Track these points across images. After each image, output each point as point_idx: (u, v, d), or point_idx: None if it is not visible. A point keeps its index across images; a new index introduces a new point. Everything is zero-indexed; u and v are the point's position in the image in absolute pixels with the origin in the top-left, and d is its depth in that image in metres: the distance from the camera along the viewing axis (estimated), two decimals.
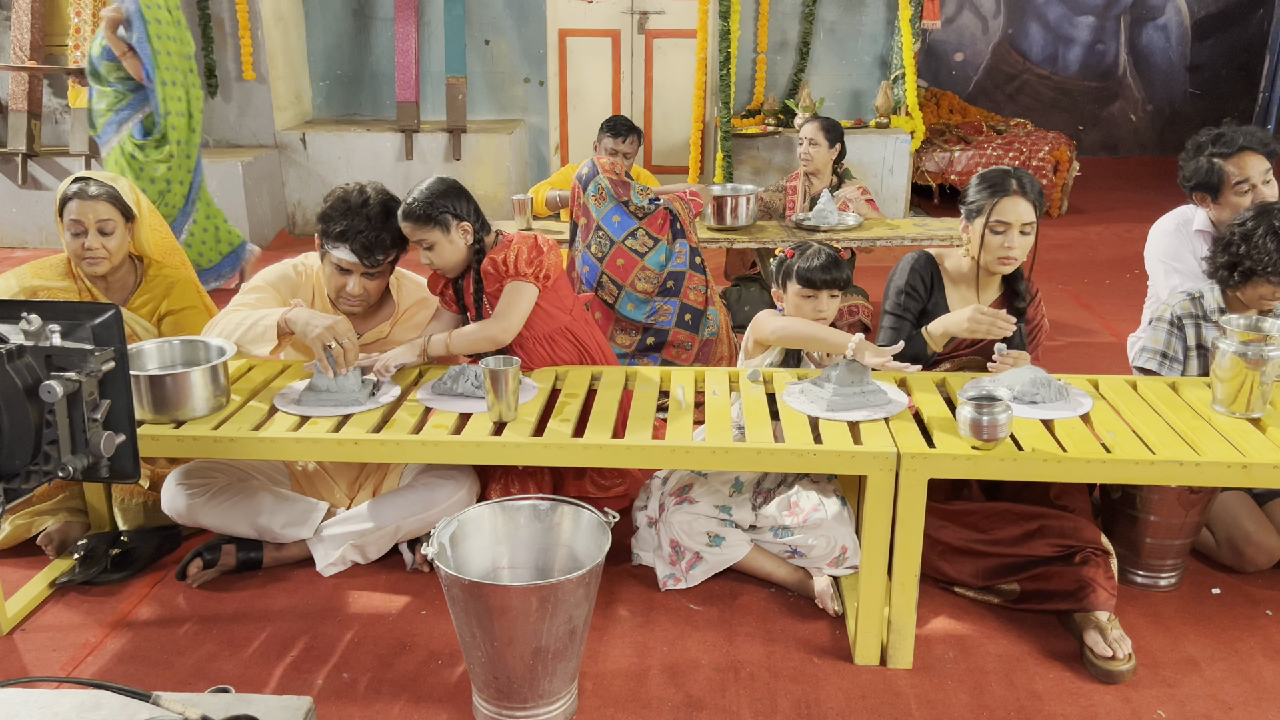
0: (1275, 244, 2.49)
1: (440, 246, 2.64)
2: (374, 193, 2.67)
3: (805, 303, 2.64)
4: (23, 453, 1.48)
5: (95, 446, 1.54)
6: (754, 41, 6.92)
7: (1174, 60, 9.38)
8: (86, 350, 1.49)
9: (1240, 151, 2.89)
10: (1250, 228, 2.54)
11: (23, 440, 1.47)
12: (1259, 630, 2.39)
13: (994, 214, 2.55)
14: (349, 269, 2.66)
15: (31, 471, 1.53)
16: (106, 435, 1.55)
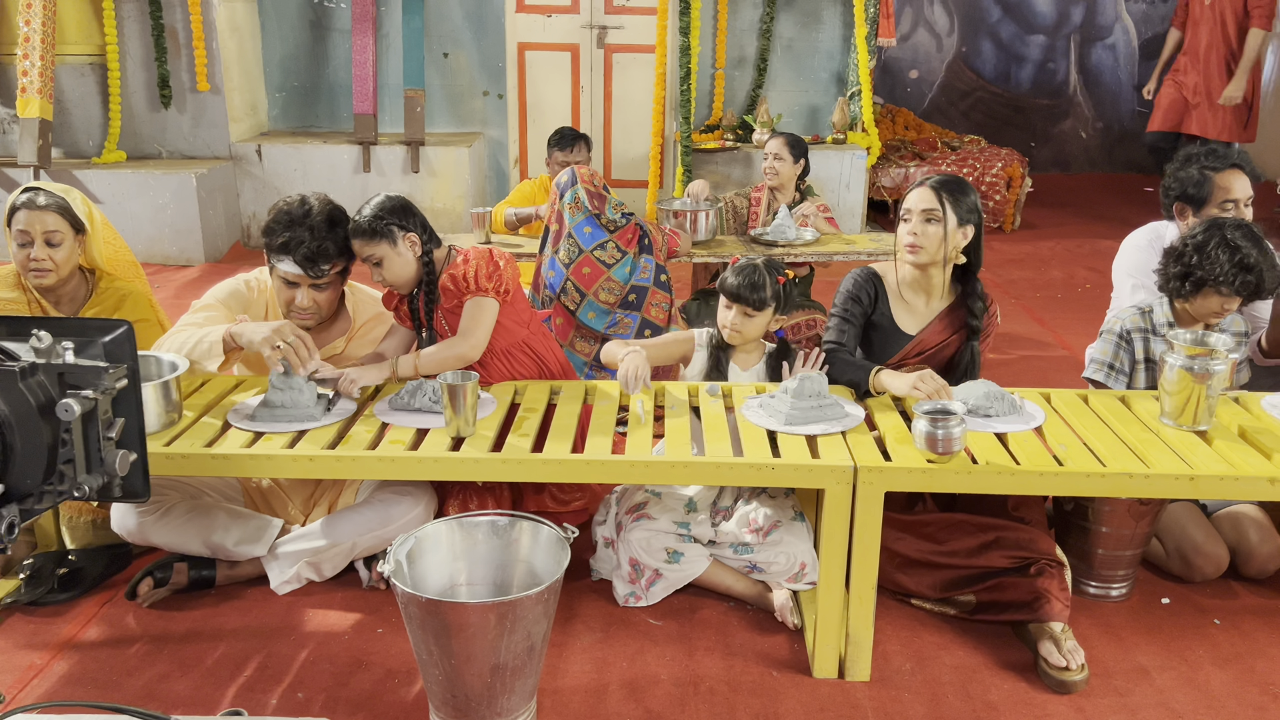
0: (1227, 255, 2.54)
1: (389, 261, 2.62)
2: (317, 203, 2.64)
3: (725, 312, 2.70)
4: (35, 472, 1.44)
5: (110, 465, 1.51)
6: (712, 57, 6.97)
7: (1122, 79, 9.58)
8: (101, 368, 1.46)
9: (1232, 169, 2.95)
10: (1203, 240, 2.59)
11: (35, 460, 1.43)
12: (1207, 639, 2.44)
13: (902, 205, 2.61)
14: (295, 281, 2.63)
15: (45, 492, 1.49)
16: (121, 454, 1.52)
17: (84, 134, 6.34)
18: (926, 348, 2.75)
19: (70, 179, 5.92)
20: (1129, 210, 7.90)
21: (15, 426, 1.40)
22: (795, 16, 6.98)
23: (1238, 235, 2.55)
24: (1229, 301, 2.59)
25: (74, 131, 6.33)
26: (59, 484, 1.49)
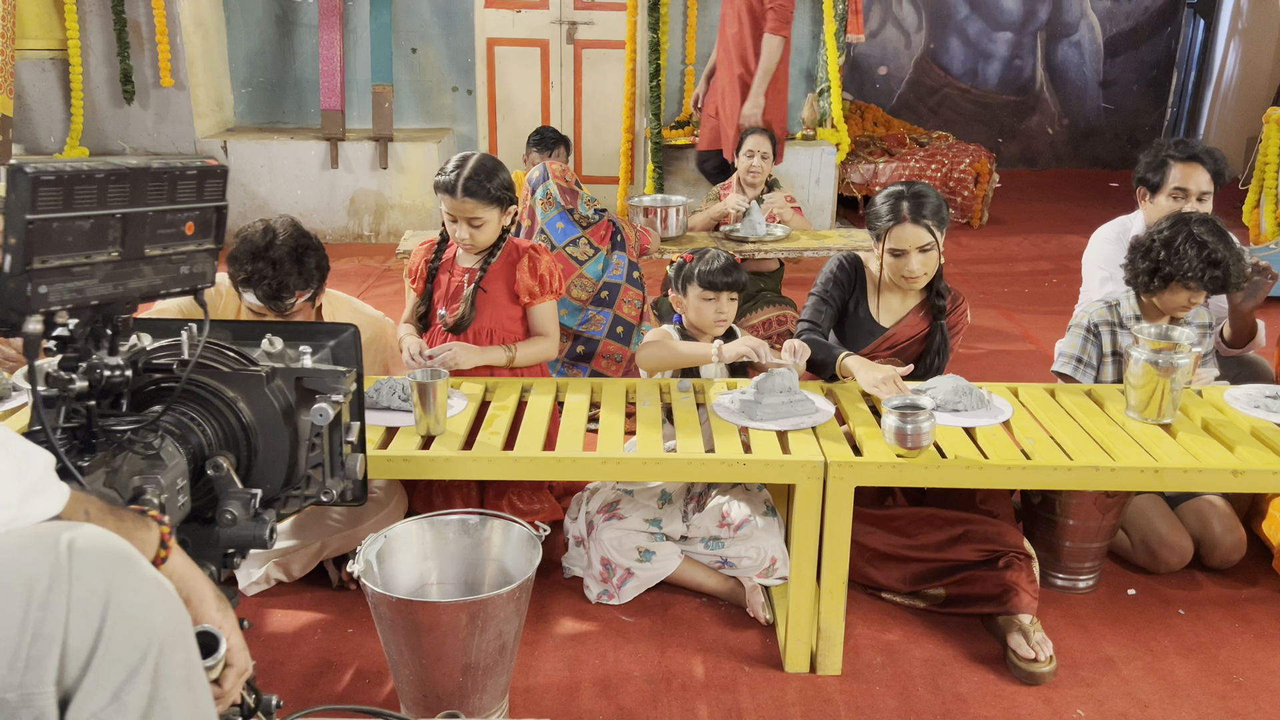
0: (1195, 250, 2.57)
1: (489, 226, 2.72)
2: (282, 231, 2.51)
3: (706, 305, 2.71)
4: (275, 477, 1.42)
5: (351, 469, 1.49)
6: (682, 53, 6.96)
7: (1088, 76, 9.68)
8: (339, 371, 1.45)
9: (1191, 160, 2.98)
10: (1170, 235, 2.62)
11: (277, 464, 1.41)
12: (1172, 629, 2.47)
13: (889, 241, 2.64)
14: (260, 313, 2.57)
15: (291, 496, 1.47)
16: (359, 458, 1.51)
17: (45, 130, 6.25)
18: (898, 341, 2.78)
19: None
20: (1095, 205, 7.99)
21: (259, 431, 1.39)
22: None
23: (1204, 230, 2.58)
24: (1196, 296, 2.62)
25: (35, 127, 6.23)
26: (306, 488, 1.48)
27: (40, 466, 1.05)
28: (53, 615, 0.96)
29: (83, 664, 0.98)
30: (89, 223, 1.16)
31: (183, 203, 1.28)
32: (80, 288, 1.19)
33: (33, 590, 0.96)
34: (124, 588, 1.01)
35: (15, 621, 0.95)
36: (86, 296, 1.20)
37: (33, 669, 0.96)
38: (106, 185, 1.16)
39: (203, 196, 1.30)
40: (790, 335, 4.07)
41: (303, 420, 1.43)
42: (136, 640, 1.01)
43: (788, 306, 4.23)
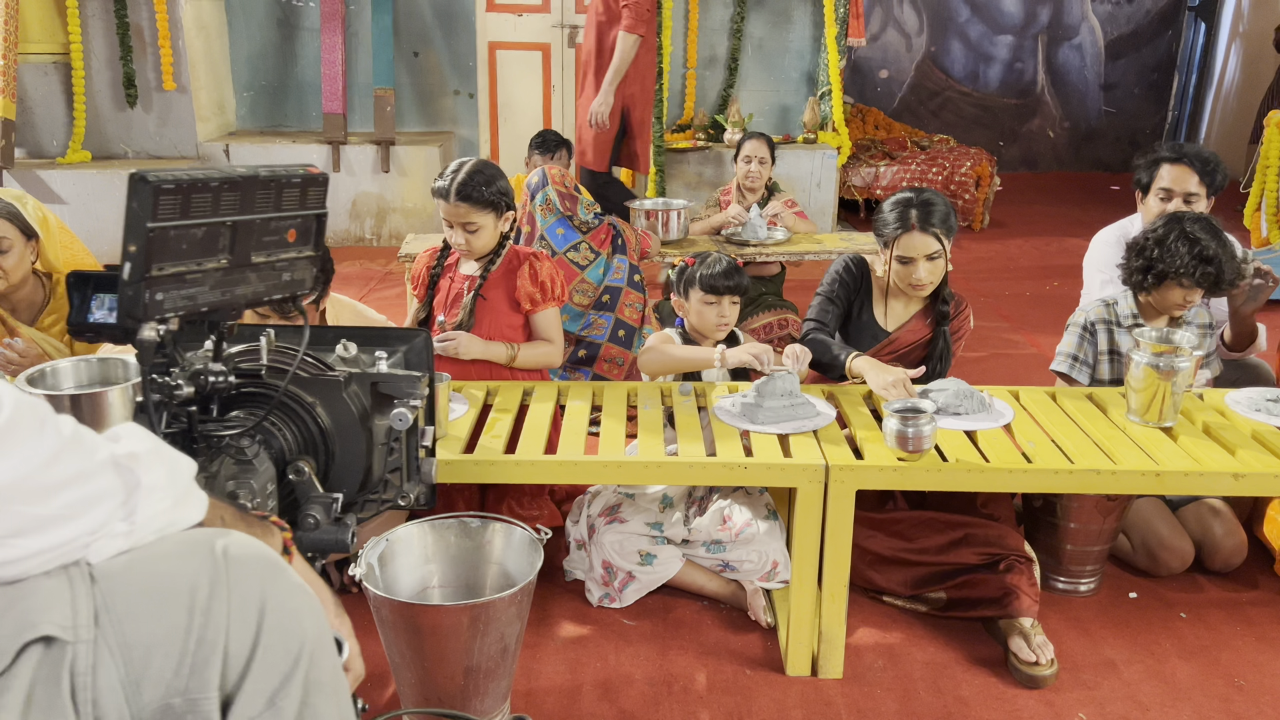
0: (1186, 247, 2.58)
1: (484, 231, 2.71)
2: None
3: (708, 309, 2.72)
4: (352, 481, 1.43)
5: (426, 473, 1.50)
6: (684, 57, 6.98)
7: (1089, 79, 9.69)
8: (414, 376, 1.46)
9: (1179, 161, 2.98)
10: (1163, 233, 2.63)
11: (353, 469, 1.42)
12: (1173, 632, 2.47)
13: (897, 249, 2.64)
14: (264, 315, 2.58)
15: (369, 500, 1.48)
16: (434, 462, 1.51)
17: (48, 134, 6.26)
18: (901, 346, 2.79)
19: (34, 179, 5.84)
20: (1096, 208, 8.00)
21: (336, 436, 1.39)
22: (766, 16, 7.00)
23: (1196, 228, 2.59)
24: (1191, 293, 2.63)
25: (37, 131, 6.24)
26: (384, 492, 1.48)
27: (187, 472, 1.06)
28: (214, 621, 0.97)
29: (241, 670, 0.99)
30: (202, 230, 1.17)
31: (287, 210, 1.30)
32: (192, 295, 1.20)
33: (195, 597, 0.97)
34: (277, 594, 1.02)
35: (180, 628, 0.96)
36: (198, 304, 1.22)
37: (197, 675, 0.96)
38: (220, 194, 1.18)
39: (305, 204, 1.32)
40: (792, 339, 4.09)
41: (377, 425, 1.44)
42: (289, 645, 1.02)
43: (788, 310, 4.23)
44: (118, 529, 0.95)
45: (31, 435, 0.87)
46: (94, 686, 0.91)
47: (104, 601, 0.93)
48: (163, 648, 0.95)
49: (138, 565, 0.97)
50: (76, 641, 0.91)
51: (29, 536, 0.89)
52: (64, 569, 0.93)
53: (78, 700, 0.91)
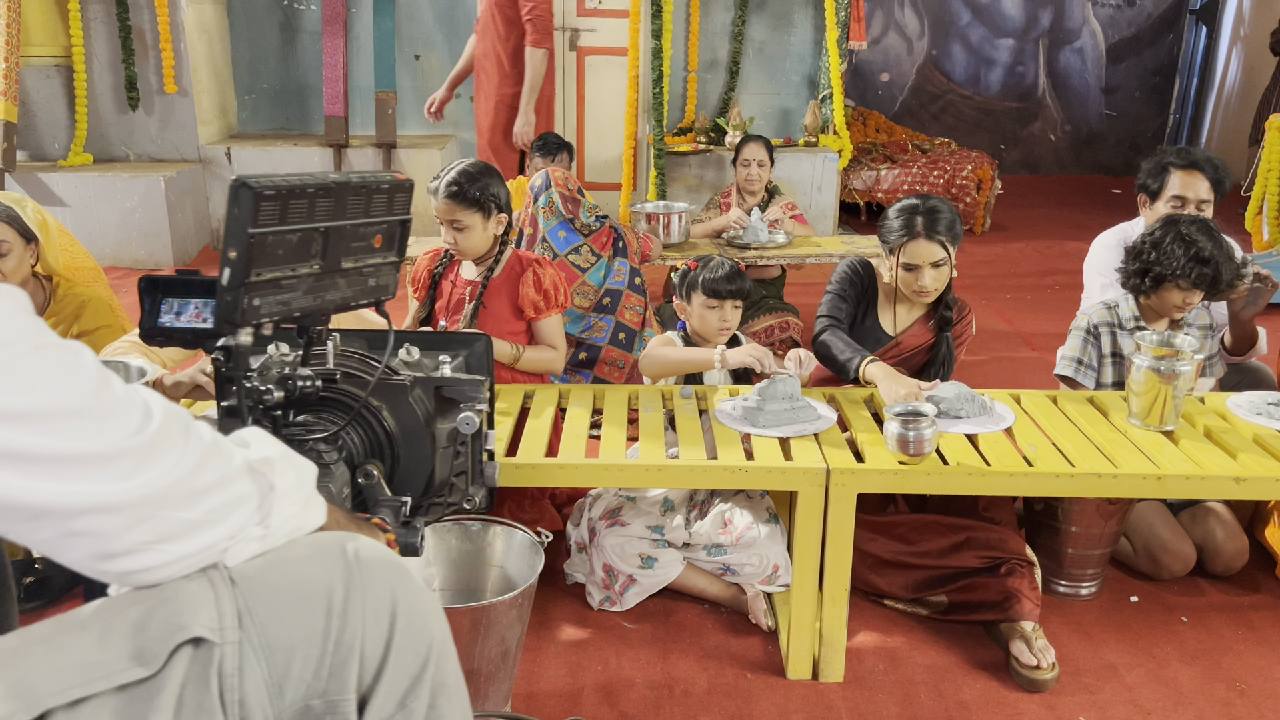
0: (1182, 249, 2.58)
1: (473, 231, 2.71)
2: None
3: (710, 313, 2.72)
4: (416, 485, 1.44)
5: (490, 477, 1.51)
6: (685, 60, 6.98)
7: (1090, 82, 9.69)
8: (478, 381, 1.47)
9: (1190, 168, 2.98)
10: (1159, 236, 2.64)
11: (418, 472, 1.43)
12: (1175, 636, 2.47)
13: (903, 255, 2.65)
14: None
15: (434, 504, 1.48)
16: (496, 466, 1.53)
17: (50, 136, 6.26)
18: (904, 351, 2.79)
19: (36, 182, 5.84)
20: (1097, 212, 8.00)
21: (402, 439, 1.40)
22: (767, 20, 7.01)
23: (1193, 230, 2.60)
24: (1190, 295, 2.63)
25: (39, 134, 6.24)
26: (449, 495, 1.49)
27: (311, 477, 1.07)
28: (351, 624, 0.98)
29: (375, 672, 1.00)
30: (297, 236, 1.19)
31: (375, 216, 1.31)
32: (286, 300, 1.21)
33: (331, 599, 0.98)
34: (406, 596, 1.03)
35: (319, 631, 0.96)
36: (291, 309, 1.23)
37: (335, 677, 0.97)
38: (315, 200, 1.20)
39: (392, 210, 1.33)
40: (793, 341, 4.09)
41: (439, 428, 1.45)
42: (418, 648, 1.03)
43: (789, 313, 4.23)
44: (254, 533, 0.96)
45: (179, 442, 0.88)
46: (241, 688, 0.93)
47: (246, 604, 0.94)
48: (303, 649, 0.96)
49: (274, 568, 0.98)
50: (223, 643, 0.92)
51: (177, 541, 0.90)
52: (203, 572, 0.94)
53: (225, 701, 0.92)
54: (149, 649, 0.90)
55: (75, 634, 0.91)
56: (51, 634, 0.92)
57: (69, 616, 0.94)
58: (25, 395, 0.76)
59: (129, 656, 0.90)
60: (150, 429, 0.85)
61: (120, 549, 0.86)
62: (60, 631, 0.92)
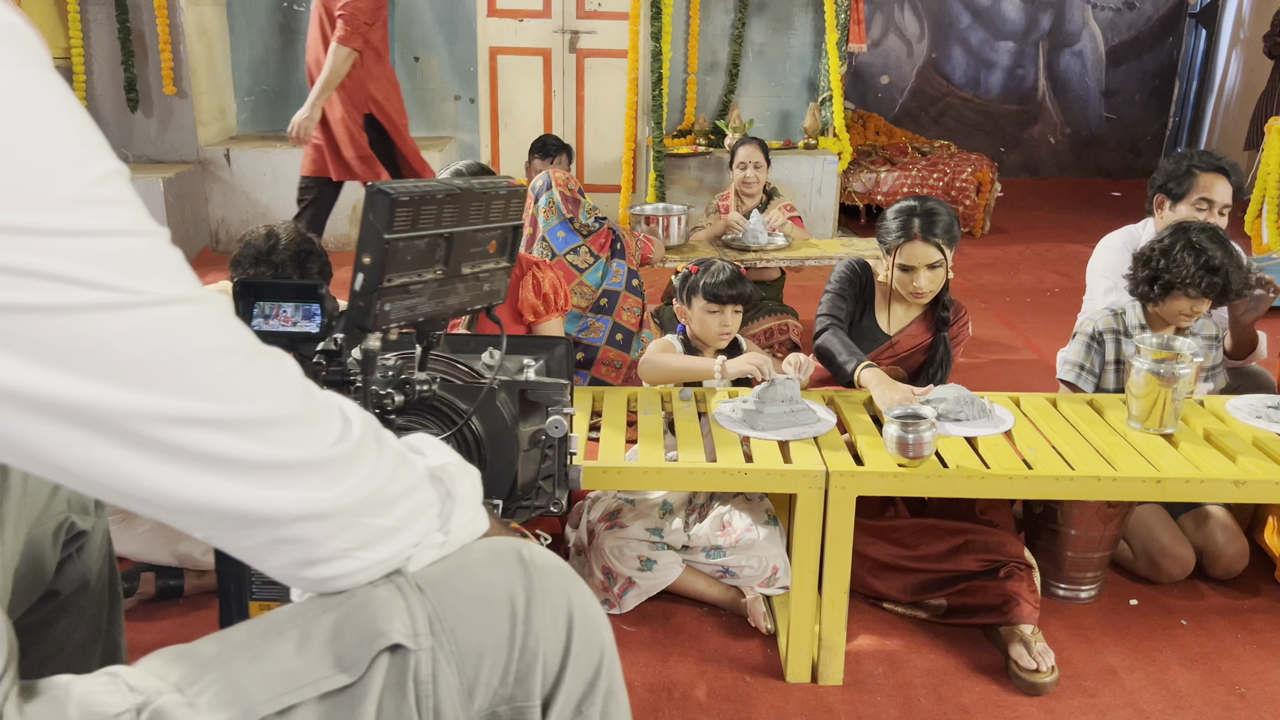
0: (1193, 257, 2.57)
1: None
2: (284, 236, 2.51)
3: (710, 318, 2.72)
4: (502, 488, 1.45)
5: (574, 480, 1.51)
6: (685, 62, 6.99)
7: (1090, 85, 9.70)
8: (561, 384, 1.47)
9: (1216, 171, 2.98)
10: (1169, 243, 2.63)
11: (504, 476, 1.44)
12: (1174, 640, 2.46)
13: (899, 257, 2.65)
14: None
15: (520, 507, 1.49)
16: (581, 469, 1.53)
17: None
18: (901, 351, 2.79)
19: None
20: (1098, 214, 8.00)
21: (489, 443, 1.41)
22: (767, 22, 7.02)
23: (1203, 238, 2.59)
24: (1198, 304, 2.62)
25: None
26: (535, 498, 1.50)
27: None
28: (534, 630, 0.98)
29: (555, 678, 1.00)
30: (424, 242, 1.20)
31: (493, 222, 1.32)
32: (413, 305, 1.23)
33: (514, 605, 0.97)
34: (580, 601, 1.03)
35: (505, 636, 0.96)
36: (416, 314, 1.24)
37: (521, 684, 0.97)
38: (443, 206, 1.21)
39: (507, 216, 1.34)
40: (792, 344, 4.09)
41: (521, 431, 1.45)
42: (592, 654, 1.03)
43: (789, 315, 4.23)
44: (436, 539, 0.96)
45: (374, 448, 0.88)
46: (435, 694, 0.92)
47: (434, 610, 0.94)
48: (490, 656, 0.95)
49: (456, 574, 0.97)
50: (418, 650, 0.92)
51: (372, 548, 0.89)
52: (389, 579, 0.94)
53: (420, 708, 0.92)
54: (349, 656, 0.90)
55: (273, 641, 0.91)
56: (249, 639, 0.92)
57: (260, 622, 0.94)
58: (246, 403, 0.75)
59: (331, 664, 0.90)
60: (353, 435, 0.85)
61: (322, 556, 0.86)
62: (257, 637, 0.92)
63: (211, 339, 0.74)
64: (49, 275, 0.65)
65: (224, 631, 0.95)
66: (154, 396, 0.70)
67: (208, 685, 0.87)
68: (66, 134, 0.68)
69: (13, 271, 0.64)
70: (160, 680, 0.88)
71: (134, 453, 0.71)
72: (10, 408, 0.67)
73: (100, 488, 0.74)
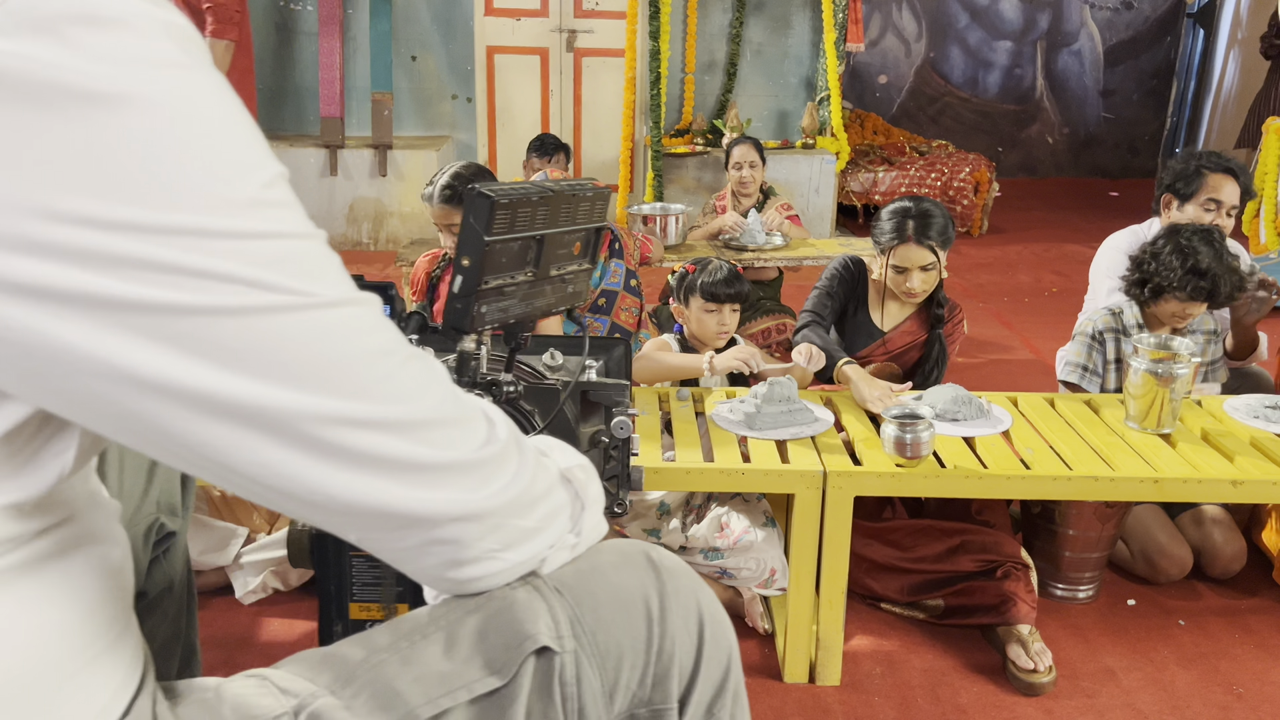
0: (1180, 260, 2.57)
1: None
2: None
3: (708, 316, 2.72)
4: None
5: (636, 480, 1.51)
6: (682, 61, 6.98)
7: (1088, 85, 9.70)
8: (623, 385, 1.47)
9: (1226, 172, 2.98)
10: (1160, 246, 2.63)
11: None
12: (1172, 640, 2.46)
13: (893, 258, 2.65)
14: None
15: None
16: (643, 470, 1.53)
17: None
18: (894, 348, 2.79)
19: None
20: (1095, 214, 8.01)
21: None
22: (765, 21, 7.01)
23: (1195, 240, 2.59)
24: (1190, 307, 2.62)
25: None
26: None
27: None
28: (669, 632, 0.97)
29: (688, 680, 1.00)
30: (518, 244, 1.21)
31: (579, 223, 1.33)
32: (506, 307, 1.24)
33: (650, 607, 0.97)
34: (708, 603, 1.02)
35: (642, 639, 0.96)
36: (508, 316, 1.25)
37: (659, 686, 0.97)
38: (537, 208, 1.22)
39: (592, 218, 1.34)
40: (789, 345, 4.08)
41: (582, 432, 1.45)
42: (720, 656, 1.02)
43: (786, 315, 4.23)
44: (569, 541, 0.95)
45: (516, 451, 0.87)
46: (579, 697, 0.92)
47: (574, 612, 0.93)
48: (630, 658, 0.95)
49: (589, 576, 0.97)
50: (563, 652, 0.91)
51: (515, 549, 0.89)
52: (525, 581, 0.93)
53: (566, 711, 0.91)
54: (497, 659, 0.89)
55: (419, 644, 0.91)
56: (394, 642, 0.91)
57: (401, 625, 0.94)
58: (407, 404, 0.76)
59: (481, 667, 0.89)
60: (499, 436, 0.85)
61: (471, 557, 0.85)
62: (403, 640, 0.91)
63: (374, 341, 0.74)
64: (226, 277, 0.66)
65: (365, 634, 0.94)
66: (324, 398, 0.71)
67: (361, 689, 0.87)
68: (241, 137, 0.69)
69: (192, 273, 0.65)
70: (310, 683, 0.88)
71: (304, 454, 0.72)
72: (186, 409, 0.68)
73: (264, 489, 0.74)
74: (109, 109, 0.61)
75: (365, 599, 1.40)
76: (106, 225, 0.62)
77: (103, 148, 0.61)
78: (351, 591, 1.40)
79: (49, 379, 0.66)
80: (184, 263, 0.64)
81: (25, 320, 0.62)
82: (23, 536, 0.73)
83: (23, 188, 0.60)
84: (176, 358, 0.66)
